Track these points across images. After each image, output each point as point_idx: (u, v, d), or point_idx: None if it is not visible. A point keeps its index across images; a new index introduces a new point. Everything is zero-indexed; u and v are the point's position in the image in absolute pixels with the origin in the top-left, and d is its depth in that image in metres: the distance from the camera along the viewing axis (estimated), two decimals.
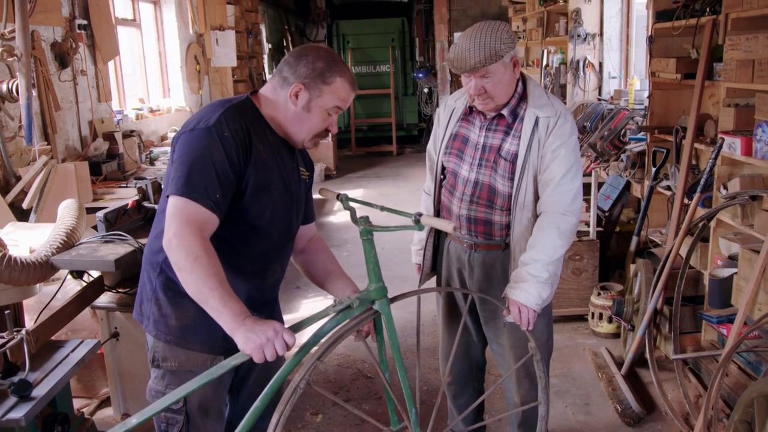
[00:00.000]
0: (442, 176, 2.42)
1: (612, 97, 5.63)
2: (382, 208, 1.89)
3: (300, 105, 1.82)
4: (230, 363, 1.68)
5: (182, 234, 1.64)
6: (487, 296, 2.17)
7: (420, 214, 1.77)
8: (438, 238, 2.50)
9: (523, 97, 2.24)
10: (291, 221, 1.96)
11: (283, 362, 1.74)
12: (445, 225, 1.77)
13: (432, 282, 2.60)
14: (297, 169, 1.97)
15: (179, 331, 1.86)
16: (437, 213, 2.46)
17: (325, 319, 1.76)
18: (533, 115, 2.19)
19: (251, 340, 1.56)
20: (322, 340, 1.72)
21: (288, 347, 1.60)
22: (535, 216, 2.23)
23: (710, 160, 3.30)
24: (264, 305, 1.98)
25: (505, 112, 2.23)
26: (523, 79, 2.26)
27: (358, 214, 1.81)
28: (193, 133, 1.74)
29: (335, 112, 1.87)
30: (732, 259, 3.18)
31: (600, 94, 6.12)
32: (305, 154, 2.05)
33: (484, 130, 2.28)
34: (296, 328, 1.69)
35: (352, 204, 1.87)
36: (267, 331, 1.57)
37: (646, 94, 4.46)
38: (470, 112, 2.34)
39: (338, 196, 1.89)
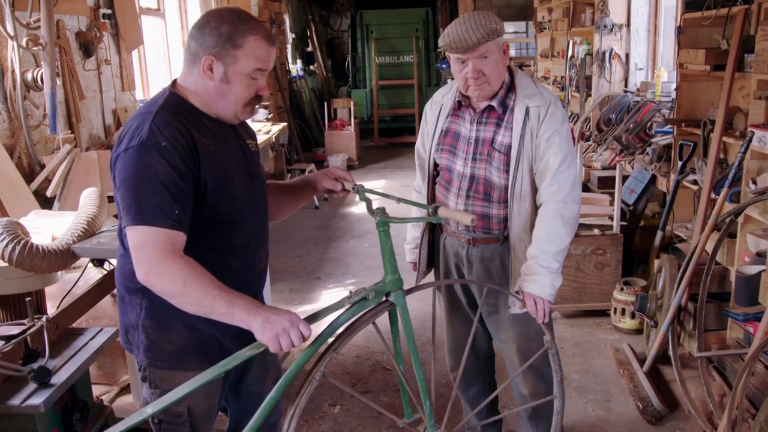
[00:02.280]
0: (435, 173, 2.40)
1: (638, 89, 5.52)
2: (399, 200, 1.88)
3: (217, 78, 1.68)
4: (245, 353, 1.66)
5: (156, 264, 1.57)
6: (501, 288, 2.15)
7: (437, 206, 1.76)
8: (432, 234, 2.47)
9: (511, 88, 2.23)
10: (258, 201, 1.88)
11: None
12: (463, 217, 1.76)
13: (432, 277, 2.57)
14: (245, 145, 1.87)
15: (176, 355, 1.78)
16: None
17: (341, 311, 1.75)
18: (523, 105, 2.18)
19: (268, 329, 1.55)
20: (337, 332, 1.71)
21: (304, 338, 1.58)
22: (533, 207, 2.22)
23: (739, 154, 3.22)
24: (256, 296, 1.90)
25: (494, 103, 2.21)
26: (510, 70, 2.25)
27: (375, 206, 1.79)
28: (128, 153, 1.62)
29: (259, 75, 1.71)
30: (760, 256, 3.11)
31: (626, 85, 6.00)
32: (245, 125, 1.93)
33: (474, 123, 2.26)
34: (311, 319, 1.68)
35: (368, 195, 1.85)
36: (283, 321, 1.56)
37: (674, 86, 4.38)
38: (459, 107, 2.31)
39: (354, 187, 1.87)
